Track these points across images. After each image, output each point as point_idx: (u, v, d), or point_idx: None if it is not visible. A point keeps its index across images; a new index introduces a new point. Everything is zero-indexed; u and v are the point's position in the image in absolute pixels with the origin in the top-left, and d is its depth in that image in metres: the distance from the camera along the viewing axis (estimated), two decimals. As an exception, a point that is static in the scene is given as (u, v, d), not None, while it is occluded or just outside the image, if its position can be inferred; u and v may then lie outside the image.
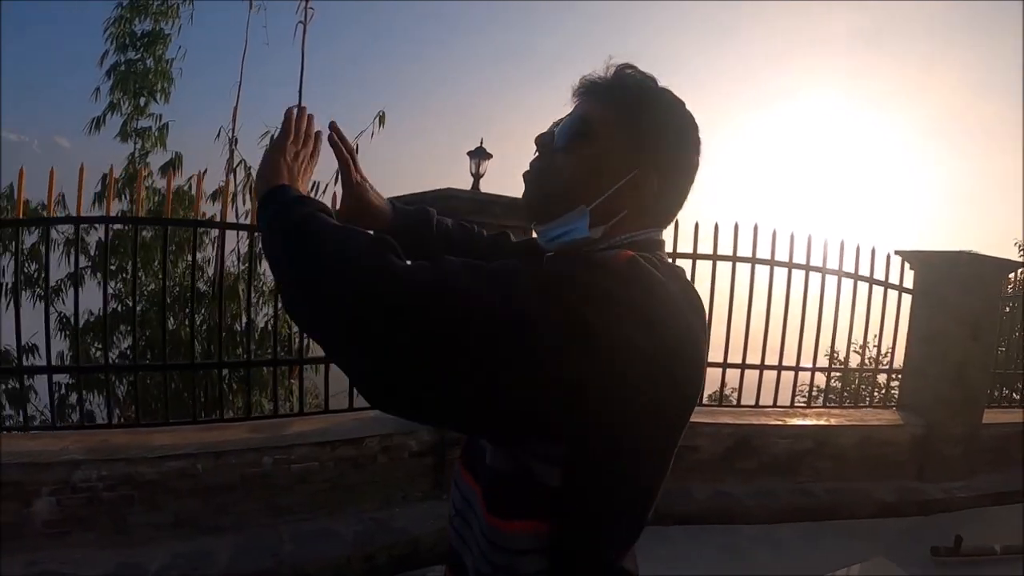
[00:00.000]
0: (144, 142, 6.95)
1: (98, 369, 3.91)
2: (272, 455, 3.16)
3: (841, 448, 4.34)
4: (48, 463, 3.00)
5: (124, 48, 6.94)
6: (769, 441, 4.18)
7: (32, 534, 3.00)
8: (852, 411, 4.81)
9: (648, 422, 0.77)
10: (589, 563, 0.82)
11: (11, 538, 2.96)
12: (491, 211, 3.35)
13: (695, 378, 0.81)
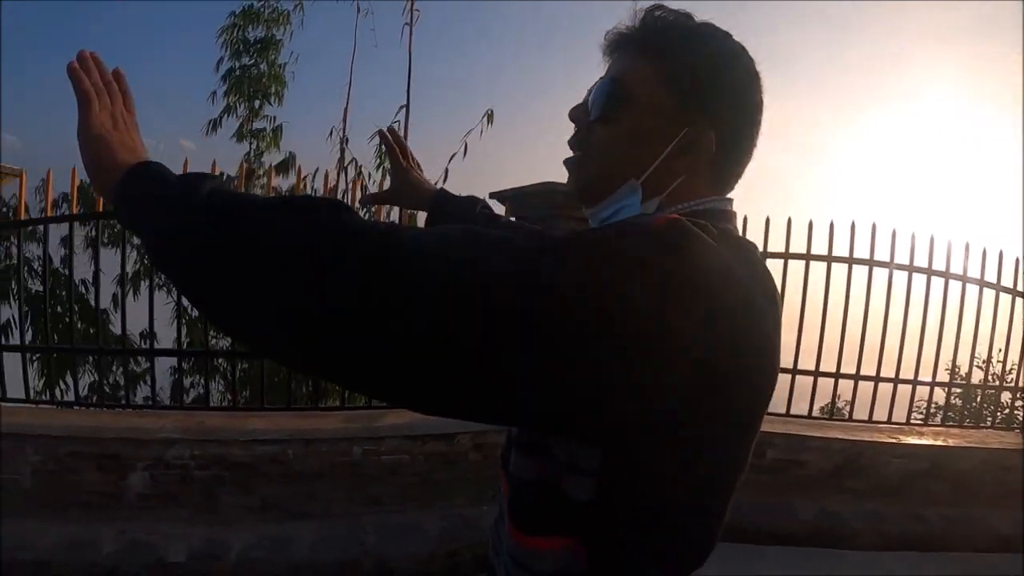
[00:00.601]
0: (259, 143, 7.26)
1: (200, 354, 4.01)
2: (363, 445, 3.13)
3: (959, 472, 3.97)
4: (145, 440, 3.08)
5: (238, 54, 7.23)
6: (881, 460, 3.85)
7: (126, 505, 3.11)
8: (972, 432, 4.40)
9: (702, 419, 0.59)
10: None
11: (106, 507, 3.09)
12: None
13: (761, 366, 0.63)
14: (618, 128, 0.73)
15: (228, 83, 7.18)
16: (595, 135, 0.76)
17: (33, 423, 3.25)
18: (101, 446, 3.10)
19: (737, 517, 3.28)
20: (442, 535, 3.05)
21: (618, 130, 0.73)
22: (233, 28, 7.17)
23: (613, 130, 0.74)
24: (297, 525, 3.06)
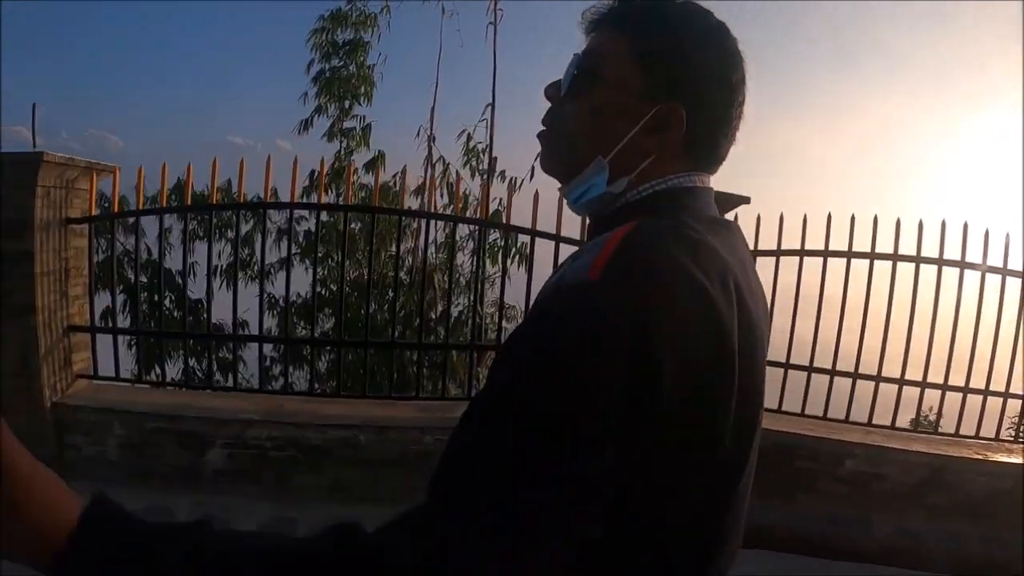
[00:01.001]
0: (349, 142, 7.49)
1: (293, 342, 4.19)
2: (434, 435, 3.17)
3: (1051, 495, 3.70)
4: (224, 420, 3.24)
5: (328, 56, 7.49)
6: (966, 477, 3.62)
7: (203, 479, 3.31)
8: (1068, 451, 4.09)
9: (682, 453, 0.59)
10: None
11: (184, 481, 3.29)
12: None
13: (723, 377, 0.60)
14: (585, 104, 0.72)
15: (318, 84, 7.41)
16: (565, 112, 0.74)
17: (121, 400, 3.45)
18: (182, 424, 3.28)
19: (810, 530, 3.10)
20: None
21: (585, 106, 0.72)
22: (322, 31, 7.41)
23: (581, 106, 0.72)
24: (364, 508, 3.09)
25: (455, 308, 6.13)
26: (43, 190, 3.25)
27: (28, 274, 3.26)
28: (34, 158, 3.15)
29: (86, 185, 3.54)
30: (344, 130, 7.52)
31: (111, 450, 3.37)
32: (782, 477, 3.27)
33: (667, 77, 0.69)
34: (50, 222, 3.33)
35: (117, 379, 3.64)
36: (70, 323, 3.51)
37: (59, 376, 3.45)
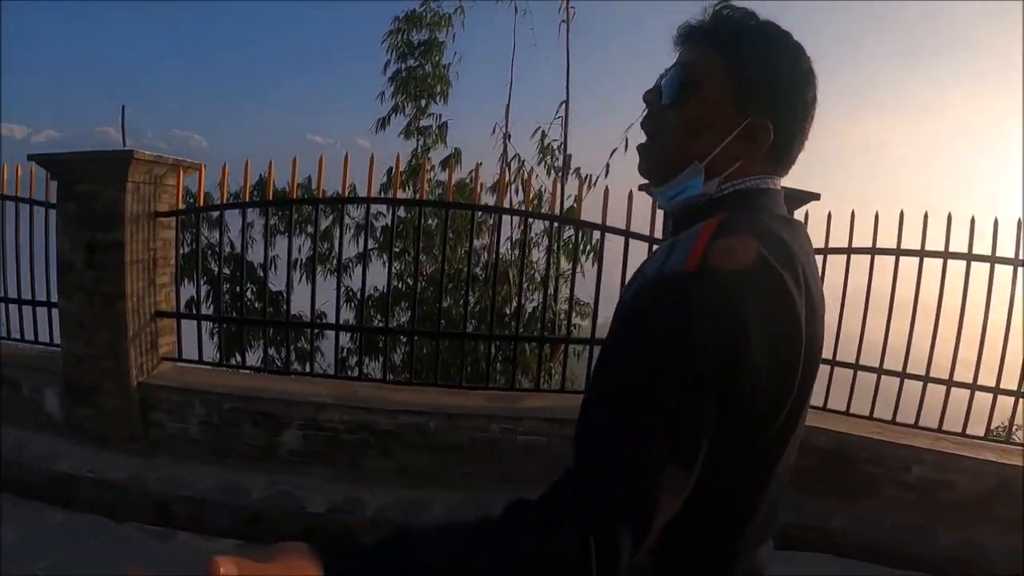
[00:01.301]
0: (425, 139, 7.65)
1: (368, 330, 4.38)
2: (501, 424, 3.26)
3: None
4: (298, 402, 3.38)
5: (404, 57, 7.67)
6: (1037, 489, 3.49)
7: (278, 459, 3.45)
8: None
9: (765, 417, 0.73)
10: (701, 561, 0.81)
11: (260, 459, 3.45)
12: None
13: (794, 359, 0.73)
14: (685, 114, 0.81)
15: (395, 84, 7.59)
16: (665, 119, 0.83)
17: (202, 381, 3.63)
18: (259, 405, 3.43)
19: (874, 536, 3.01)
20: None
21: (685, 116, 0.81)
22: (398, 32, 7.61)
23: (681, 115, 0.81)
24: (431, 492, 3.24)
25: (529, 304, 6.25)
26: (133, 185, 3.46)
27: (119, 263, 3.47)
28: (125, 156, 3.37)
29: (173, 181, 3.75)
30: (421, 128, 7.66)
31: (192, 428, 3.54)
32: (847, 480, 3.24)
33: (757, 94, 0.80)
34: (139, 215, 3.54)
35: (200, 362, 3.82)
36: (157, 309, 3.71)
37: (146, 358, 3.65)
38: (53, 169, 3.61)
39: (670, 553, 0.80)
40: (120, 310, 3.50)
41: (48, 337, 4.07)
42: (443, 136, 7.68)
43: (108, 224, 3.47)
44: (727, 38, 0.80)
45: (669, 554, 0.80)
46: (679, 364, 0.64)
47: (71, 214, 3.55)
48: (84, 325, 3.59)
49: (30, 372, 3.93)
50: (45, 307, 4.04)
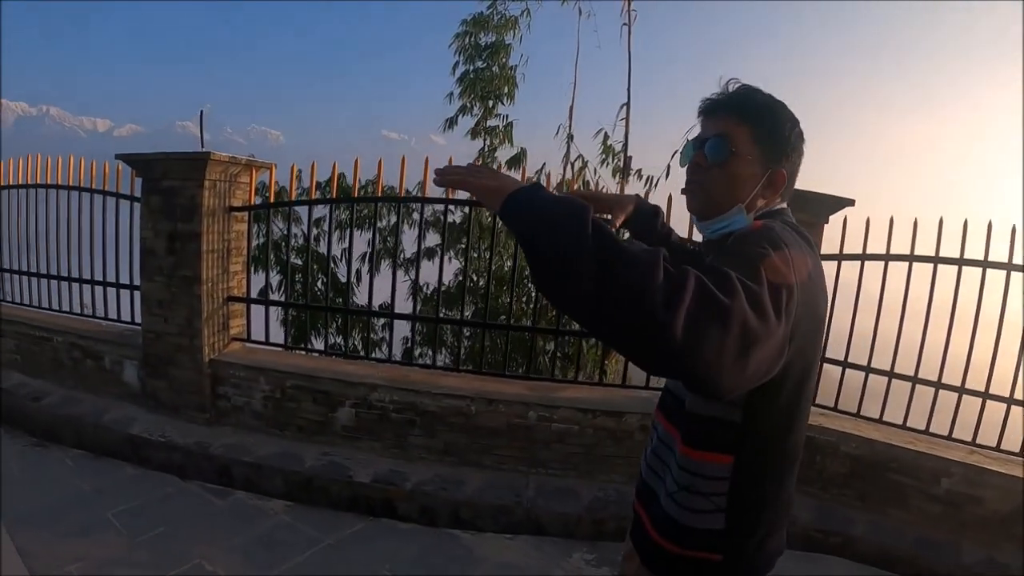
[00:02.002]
0: (492, 139, 7.87)
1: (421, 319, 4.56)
2: (538, 411, 3.42)
3: None
4: (353, 383, 3.64)
5: (472, 58, 7.89)
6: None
7: (331, 433, 3.72)
8: None
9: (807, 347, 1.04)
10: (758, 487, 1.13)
11: (315, 433, 3.74)
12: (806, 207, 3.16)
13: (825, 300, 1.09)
14: (727, 172, 1.13)
15: (463, 85, 7.80)
16: (712, 174, 1.14)
17: (268, 360, 3.94)
18: (317, 384, 3.70)
19: (896, 546, 2.95)
20: (593, 503, 3.22)
21: (728, 172, 1.13)
22: (466, 35, 7.83)
23: (727, 174, 1.13)
24: (468, 470, 3.44)
25: None
26: (210, 182, 3.80)
27: (196, 251, 3.81)
28: (203, 156, 3.71)
29: (247, 179, 4.09)
30: (488, 128, 7.85)
31: (256, 402, 3.85)
32: (875, 488, 3.22)
33: (776, 151, 1.14)
34: (215, 209, 3.88)
35: (267, 343, 4.13)
36: (229, 294, 4.04)
37: (218, 337, 3.98)
38: (140, 167, 4.00)
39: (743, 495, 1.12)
40: (196, 293, 3.84)
41: (129, 316, 4.47)
42: (509, 136, 7.81)
43: (187, 216, 3.82)
44: (749, 112, 1.12)
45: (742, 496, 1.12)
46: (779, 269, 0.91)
47: (155, 206, 3.92)
48: (163, 305, 3.95)
49: (112, 347, 4.32)
50: (127, 289, 4.44)
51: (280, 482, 3.41)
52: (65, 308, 4.82)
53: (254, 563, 2.82)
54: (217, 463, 3.55)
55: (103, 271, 4.55)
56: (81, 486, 3.46)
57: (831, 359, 3.52)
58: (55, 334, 4.57)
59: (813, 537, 3.13)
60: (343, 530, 3.12)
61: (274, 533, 3.08)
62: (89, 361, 4.41)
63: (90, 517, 3.13)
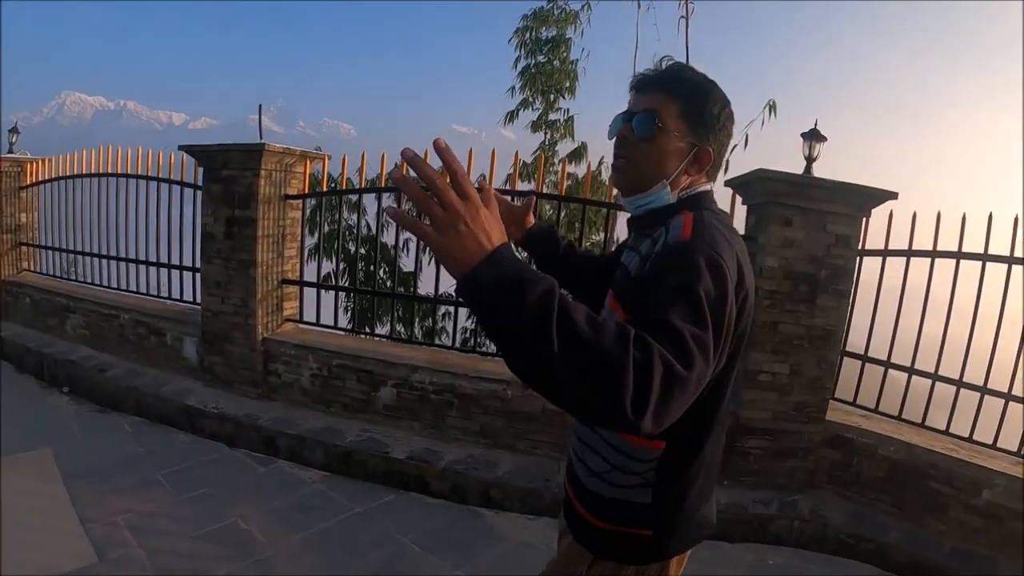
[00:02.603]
0: (553, 133, 7.87)
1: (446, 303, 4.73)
2: None
3: None
4: (395, 363, 3.78)
5: (533, 53, 7.90)
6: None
7: (373, 411, 3.89)
8: None
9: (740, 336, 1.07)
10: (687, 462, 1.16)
11: (357, 410, 3.91)
12: (811, 194, 3.14)
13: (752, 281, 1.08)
14: (654, 147, 1.13)
15: (524, 79, 7.79)
16: (640, 150, 1.14)
17: (317, 340, 4.12)
18: (362, 363, 3.86)
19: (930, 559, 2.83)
20: None
21: (655, 147, 1.13)
22: (526, 30, 7.85)
23: (654, 149, 1.13)
24: (501, 453, 3.54)
25: None
26: (265, 172, 4.01)
27: (252, 236, 4.03)
28: (259, 147, 3.92)
29: (301, 169, 4.29)
30: (549, 122, 7.83)
31: (304, 379, 4.04)
32: (912, 496, 3.11)
33: (703, 129, 1.13)
34: (271, 197, 4.08)
35: (317, 325, 4.31)
36: (284, 277, 4.25)
37: (271, 318, 4.19)
38: (201, 158, 4.24)
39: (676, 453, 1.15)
40: (251, 275, 4.05)
41: (191, 296, 4.75)
42: (571, 130, 7.79)
43: (245, 203, 4.04)
44: (680, 89, 1.13)
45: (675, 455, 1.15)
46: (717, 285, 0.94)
47: (215, 193, 4.16)
48: (221, 286, 4.18)
49: (173, 324, 4.59)
50: (189, 271, 4.71)
51: (321, 454, 3.57)
52: (132, 288, 5.14)
53: (286, 524, 2.99)
54: (264, 434, 3.74)
55: (168, 254, 4.84)
56: (136, 448, 3.72)
57: (873, 359, 3.44)
58: (122, 312, 4.88)
59: (845, 542, 3.07)
60: (374, 500, 3.26)
61: (308, 499, 3.24)
62: (152, 337, 4.70)
63: (141, 476, 3.38)
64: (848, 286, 3.26)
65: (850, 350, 3.46)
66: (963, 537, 3.00)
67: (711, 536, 1.72)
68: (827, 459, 3.34)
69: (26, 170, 5.98)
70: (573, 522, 1.30)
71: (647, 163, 1.14)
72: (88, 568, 2.52)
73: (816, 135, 3.41)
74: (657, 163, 1.13)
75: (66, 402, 4.47)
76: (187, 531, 2.86)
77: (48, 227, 5.97)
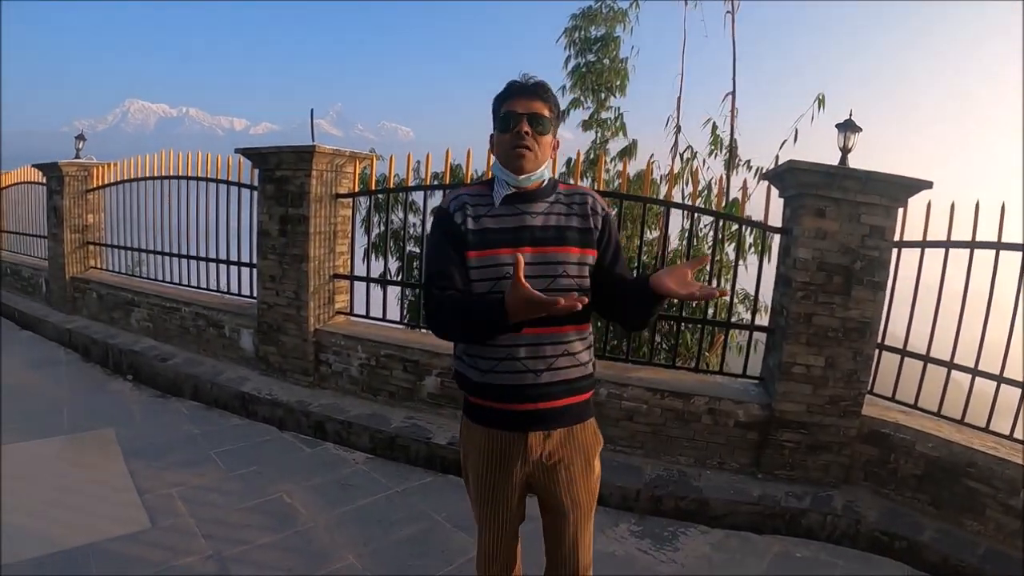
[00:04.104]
0: (604, 131, 7.90)
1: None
2: (609, 388, 3.55)
3: None
4: (441, 354, 3.92)
5: (583, 52, 7.96)
6: None
7: (417, 399, 4.05)
8: None
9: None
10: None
11: (403, 398, 4.09)
12: (844, 184, 3.12)
13: None
14: (547, 137, 1.59)
15: (574, 78, 7.84)
16: (540, 141, 1.57)
17: (366, 332, 4.32)
18: (408, 353, 4.03)
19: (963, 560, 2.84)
20: (655, 481, 3.28)
21: (547, 138, 1.59)
22: (575, 29, 7.91)
23: (546, 141, 1.59)
24: None
25: None
26: (317, 172, 4.23)
27: (304, 232, 4.26)
28: (310, 149, 4.15)
29: (351, 169, 4.51)
30: (599, 120, 7.85)
31: (353, 368, 4.24)
32: (948, 494, 3.02)
33: (557, 125, 1.63)
34: (322, 196, 4.30)
35: (367, 317, 4.52)
36: (335, 272, 4.46)
37: (323, 310, 4.41)
38: (256, 159, 4.49)
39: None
40: (304, 270, 4.28)
41: (248, 290, 5.01)
42: (623, 128, 7.77)
43: (297, 202, 4.27)
44: (550, 97, 1.59)
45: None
46: None
47: (270, 193, 4.41)
48: (275, 280, 4.43)
49: (231, 316, 4.86)
50: (247, 267, 4.98)
51: (366, 439, 3.75)
52: (192, 283, 5.46)
53: (326, 499, 3.17)
54: (313, 419, 3.94)
55: (226, 251, 5.13)
56: (192, 430, 3.98)
57: (912, 352, 3.38)
58: (183, 305, 5.19)
59: (878, 539, 3.00)
60: (412, 481, 3.42)
61: (350, 478, 3.42)
62: (211, 329, 4.98)
63: (195, 454, 3.62)
64: (884, 278, 3.22)
65: (890, 344, 3.40)
66: (1000, 539, 2.89)
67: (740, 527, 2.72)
68: (863, 455, 3.30)
69: (92, 174, 6.40)
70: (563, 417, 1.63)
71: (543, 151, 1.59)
72: (141, 532, 2.75)
73: (851, 126, 3.39)
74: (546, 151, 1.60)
75: (129, 388, 4.78)
76: (234, 504, 3.06)
77: (114, 227, 6.39)
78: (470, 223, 1.56)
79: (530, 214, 1.58)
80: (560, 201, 1.62)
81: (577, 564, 1.78)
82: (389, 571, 2.59)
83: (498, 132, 1.60)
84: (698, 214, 4.58)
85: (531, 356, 1.55)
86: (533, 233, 1.56)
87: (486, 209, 1.59)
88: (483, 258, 1.54)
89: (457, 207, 1.59)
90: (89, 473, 3.30)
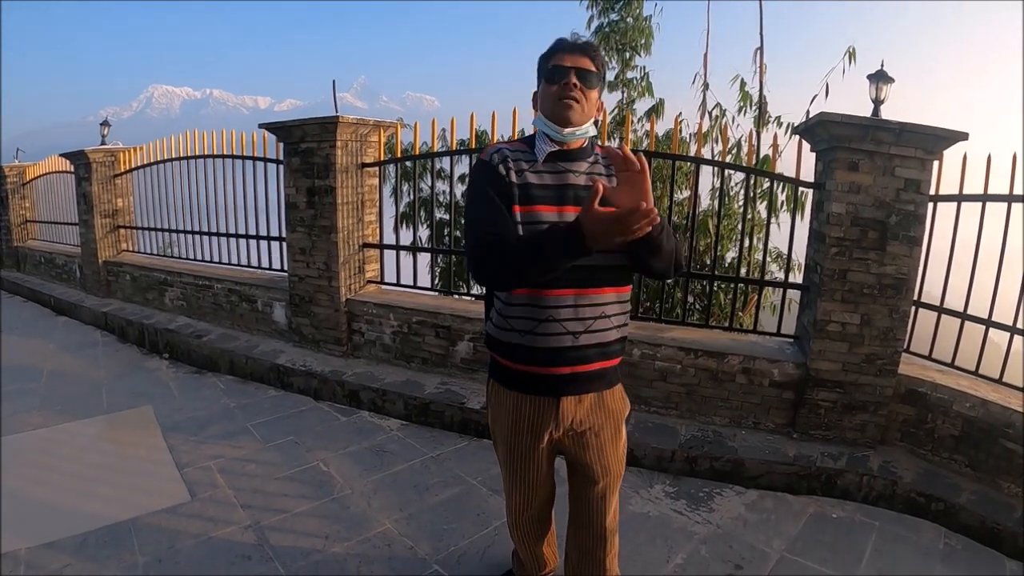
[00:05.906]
0: (630, 91, 7.83)
1: None
2: (642, 349, 3.54)
3: None
4: (473, 318, 3.94)
5: (605, 11, 7.88)
6: None
7: (450, 365, 4.08)
8: None
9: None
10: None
11: (436, 364, 4.12)
12: (877, 137, 3.01)
13: None
14: (592, 95, 1.58)
15: (598, 38, 7.73)
16: (588, 96, 1.56)
17: (397, 299, 4.36)
18: (440, 319, 4.06)
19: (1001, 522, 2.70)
20: (689, 441, 3.27)
21: (592, 96, 1.58)
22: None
23: (594, 96, 1.59)
24: None
25: (728, 254, 6.38)
26: (341, 143, 4.23)
27: (332, 204, 4.28)
28: (333, 119, 4.15)
29: (376, 138, 4.50)
30: (626, 80, 7.77)
31: (386, 336, 4.29)
32: (986, 456, 2.93)
33: (603, 88, 1.63)
34: (348, 166, 4.31)
35: (398, 285, 4.53)
36: (364, 241, 4.50)
37: (354, 280, 4.46)
38: (280, 133, 4.50)
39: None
40: (333, 240, 4.32)
41: (279, 264, 5.07)
42: (649, 88, 7.69)
43: (323, 173, 4.28)
44: (600, 58, 1.59)
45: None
46: None
47: (296, 166, 4.43)
48: (305, 252, 4.47)
49: (263, 290, 4.93)
50: (277, 241, 5.04)
51: (401, 406, 3.80)
52: (223, 260, 5.53)
53: (362, 467, 3.23)
54: (348, 388, 4.00)
55: (256, 226, 5.17)
56: (228, 403, 4.07)
57: (949, 310, 3.30)
58: (215, 282, 5.28)
59: (915, 500, 2.94)
60: (447, 447, 3.46)
61: (385, 444, 3.47)
62: (244, 304, 5.07)
63: (232, 426, 3.70)
64: (920, 232, 3.12)
65: (926, 301, 3.32)
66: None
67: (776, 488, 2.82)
68: (900, 415, 3.24)
69: (119, 159, 6.49)
70: (598, 382, 1.68)
71: (591, 106, 1.60)
72: (181, 505, 2.83)
73: (883, 76, 3.28)
74: (592, 106, 1.60)
75: (165, 366, 4.89)
76: (272, 473, 3.13)
77: (143, 210, 6.49)
78: (513, 176, 1.54)
79: (573, 172, 1.58)
80: (599, 162, 1.64)
81: (604, 527, 1.84)
82: (426, 535, 2.64)
83: (544, 84, 1.58)
84: (728, 171, 4.45)
85: (572, 318, 1.57)
86: (577, 192, 1.56)
87: (529, 165, 1.57)
88: (525, 214, 1.53)
89: (500, 160, 1.57)
90: (130, 450, 3.41)
